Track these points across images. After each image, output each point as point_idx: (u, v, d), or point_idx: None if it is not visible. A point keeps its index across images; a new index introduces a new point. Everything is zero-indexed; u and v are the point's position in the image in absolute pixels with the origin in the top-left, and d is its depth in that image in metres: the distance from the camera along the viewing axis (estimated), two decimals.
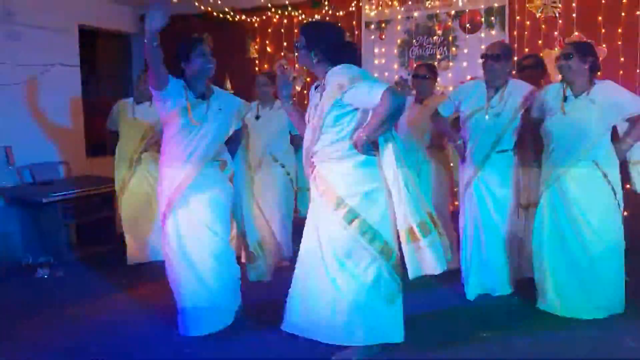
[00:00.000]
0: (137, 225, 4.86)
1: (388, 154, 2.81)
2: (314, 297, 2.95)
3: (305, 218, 3.12)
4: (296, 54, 3.05)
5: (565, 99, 3.44)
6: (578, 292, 3.48)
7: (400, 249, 2.89)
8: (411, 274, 2.86)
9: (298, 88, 6.07)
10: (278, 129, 4.69)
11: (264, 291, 3.80)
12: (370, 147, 2.78)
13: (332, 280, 2.88)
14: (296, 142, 4.66)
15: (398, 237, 2.89)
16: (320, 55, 2.85)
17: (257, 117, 4.76)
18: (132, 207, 4.84)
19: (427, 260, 2.83)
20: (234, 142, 3.55)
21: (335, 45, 2.88)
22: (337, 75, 2.77)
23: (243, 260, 3.78)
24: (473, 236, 3.84)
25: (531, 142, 3.75)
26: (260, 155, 4.67)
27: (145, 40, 2.91)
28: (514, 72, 4.14)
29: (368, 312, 2.87)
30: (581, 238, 3.45)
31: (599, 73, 3.51)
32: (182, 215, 3.25)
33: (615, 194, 3.43)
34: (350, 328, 2.89)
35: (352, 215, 2.82)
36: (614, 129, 3.52)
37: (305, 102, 3.71)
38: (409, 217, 2.81)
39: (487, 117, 3.69)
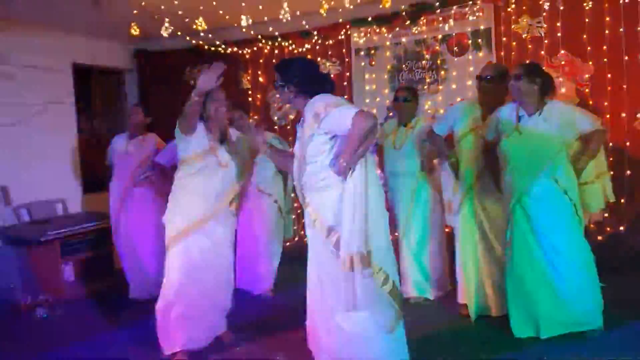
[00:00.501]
0: (135, 261, 4.88)
1: (360, 173, 2.77)
2: (320, 329, 2.92)
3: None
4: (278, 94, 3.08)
5: (519, 118, 3.50)
6: (554, 311, 3.45)
7: (398, 273, 2.91)
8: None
9: (291, 117, 6.13)
10: (259, 160, 4.58)
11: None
12: (349, 173, 2.74)
13: (332, 312, 2.82)
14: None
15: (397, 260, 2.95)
16: (296, 90, 2.91)
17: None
18: (127, 244, 4.86)
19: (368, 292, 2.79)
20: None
21: (309, 77, 2.93)
22: (313, 105, 2.82)
23: None
24: (473, 255, 3.88)
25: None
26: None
27: (193, 94, 3.28)
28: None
29: (369, 345, 2.80)
30: (549, 258, 3.45)
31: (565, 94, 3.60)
32: (194, 243, 3.47)
33: (576, 210, 3.44)
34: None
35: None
36: None
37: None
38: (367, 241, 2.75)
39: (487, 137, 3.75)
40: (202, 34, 5.62)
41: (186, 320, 3.46)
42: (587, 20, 4.87)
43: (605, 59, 4.81)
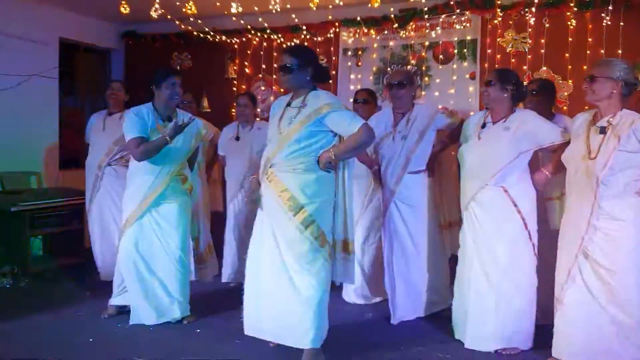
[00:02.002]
0: (103, 241, 4.86)
1: (344, 173, 3.29)
2: (270, 298, 3.22)
3: None
4: (281, 74, 3.26)
5: (483, 125, 3.50)
6: (479, 324, 3.43)
7: None
8: (337, 279, 3.37)
9: None
10: (258, 150, 4.62)
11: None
12: (330, 165, 3.14)
13: (288, 281, 3.16)
14: None
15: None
16: (310, 76, 3.22)
17: (237, 138, 4.84)
18: (97, 223, 4.85)
19: (349, 271, 3.34)
20: (193, 159, 4.08)
21: (320, 66, 3.34)
22: (322, 98, 3.18)
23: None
24: (392, 260, 3.92)
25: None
26: (241, 177, 4.76)
27: (162, 137, 3.61)
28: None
29: (320, 312, 3.16)
30: (485, 269, 3.40)
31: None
32: (147, 220, 3.80)
33: (525, 224, 3.35)
34: (302, 330, 3.14)
35: (309, 221, 3.14)
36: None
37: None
38: (348, 230, 3.32)
39: (393, 141, 3.88)
40: (191, 19, 5.63)
41: (136, 298, 3.80)
42: (570, 39, 4.97)
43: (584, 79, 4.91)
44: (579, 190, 3.08)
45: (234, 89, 6.29)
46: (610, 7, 4.74)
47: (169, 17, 5.37)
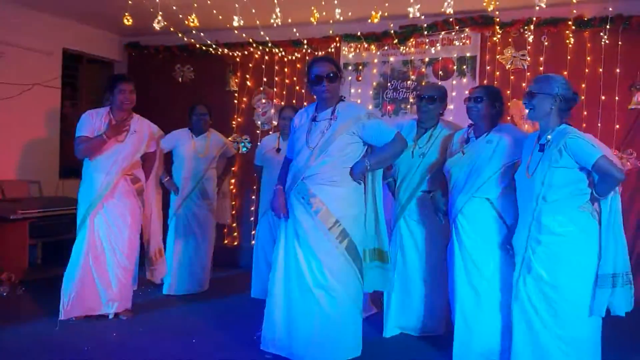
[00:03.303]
0: None
1: (374, 183, 3.39)
2: (298, 313, 3.26)
3: None
4: (326, 82, 3.25)
5: (467, 140, 3.53)
6: (465, 336, 3.41)
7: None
8: (376, 287, 3.47)
9: (275, 123, 6.18)
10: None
11: None
12: (362, 175, 3.24)
13: (318, 298, 3.21)
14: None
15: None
16: (340, 84, 3.34)
17: (278, 150, 4.80)
18: None
19: (386, 279, 3.44)
20: (149, 163, 4.31)
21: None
22: (355, 108, 3.34)
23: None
24: (399, 273, 3.90)
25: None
26: None
27: (100, 135, 3.90)
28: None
29: (349, 328, 3.24)
30: (471, 279, 3.39)
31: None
32: (98, 219, 4.01)
33: (511, 235, 3.29)
34: (330, 345, 3.20)
35: (344, 235, 3.22)
36: None
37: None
38: (382, 240, 3.41)
39: (412, 156, 3.80)
40: (194, 32, 5.69)
41: (78, 292, 3.99)
42: (569, 57, 5.03)
43: (582, 97, 4.94)
44: (523, 206, 3.11)
45: (235, 101, 6.33)
46: (608, 27, 4.79)
47: (171, 29, 5.43)
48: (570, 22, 4.92)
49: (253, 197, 5.94)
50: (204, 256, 5.09)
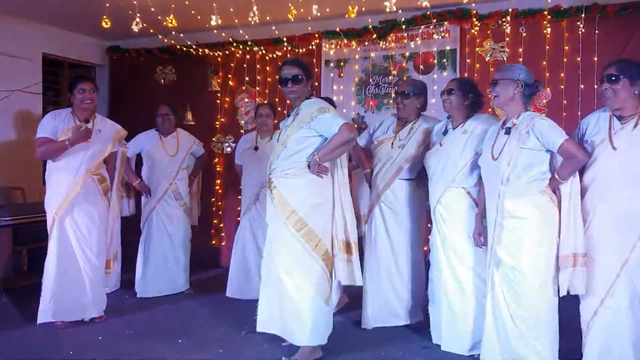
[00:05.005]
0: None
1: (338, 175, 3.45)
2: (271, 298, 3.44)
3: None
4: (290, 84, 3.43)
5: (445, 132, 3.62)
6: (450, 323, 3.51)
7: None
8: (343, 281, 3.45)
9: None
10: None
11: None
12: (319, 168, 3.30)
13: (281, 283, 3.35)
14: None
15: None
16: (310, 86, 3.53)
17: (256, 148, 4.88)
18: None
19: (354, 272, 3.44)
20: (112, 165, 4.34)
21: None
22: (312, 104, 3.38)
23: None
24: (367, 264, 3.96)
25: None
26: (258, 187, 4.80)
27: (63, 141, 3.92)
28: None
29: (312, 312, 3.30)
30: (452, 266, 3.50)
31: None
32: (67, 221, 4.00)
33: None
34: (297, 329, 3.29)
35: (300, 225, 3.30)
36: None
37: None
38: (348, 232, 3.42)
39: (392, 147, 3.92)
40: (173, 33, 5.68)
41: (55, 297, 3.97)
42: (547, 47, 5.05)
43: (562, 86, 4.99)
44: (489, 191, 3.21)
45: (218, 101, 6.33)
46: (584, 16, 4.83)
47: (151, 30, 5.41)
48: (546, 12, 4.95)
49: (239, 197, 5.94)
50: (180, 257, 5.09)
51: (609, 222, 2.93)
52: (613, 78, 2.92)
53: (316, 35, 5.83)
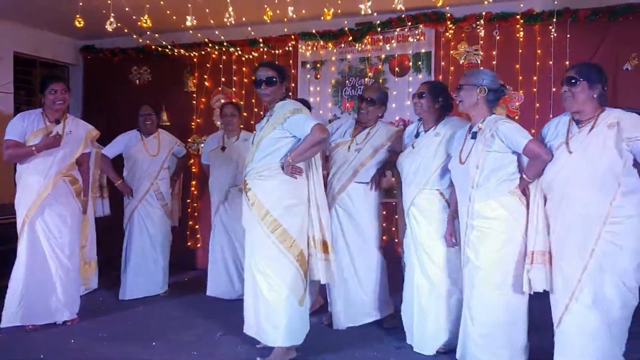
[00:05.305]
0: None
1: (312, 176, 3.47)
2: (247, 298, 3.49)
3: None
4: (264, 86, 3.46)
5: (417, 135, 3.67)
6: (421, 324, 3.53)
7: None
8: (322, 280, 3.48)
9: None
10: (244, 160, 4.70)
11: None
12: (293, 169, 3.33)
13: (255, 283, 3.37)
14: None
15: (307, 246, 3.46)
16: (285, 89, 3.56)
17: (223, 148, 4.89)
18: None
19: (329, 272, 3.48)
20: (85, 166, 4.31)
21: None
22: (285, 105, 3.39)
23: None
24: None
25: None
26: (226, 187, 4.84)
27: (30, 147, 3.90)
28: None
29: (286, 313, 3.31)
30: (423, 269, 3.53)
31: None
32: (38, 223, 3.96)
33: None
34: (271, 329, 3.35)
35: (275, 226, 3.31)
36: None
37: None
38: (324, 231, 3.46)
39: (348, 150, 3.97)
40: (148, 33, 5.62)
41: (24, 301, 3.92)
42: (520, 51, 5.13)
43: (534, 89, 5.08)
44: (459, 194, 3.27)
45: (194, 102, 6.29)
46: (556, 20, 4.91)
47: (125, 30, 5.36)
48: (519, 17, 5.03)
49: None
50: (160, 258, 5.05)
51: (568, 227, 2.93)
52: (572, 81, 2.95)
53: (292, 36, 5.84)
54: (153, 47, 6.19)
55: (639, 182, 2.89)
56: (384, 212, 4.45)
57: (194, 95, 6.31)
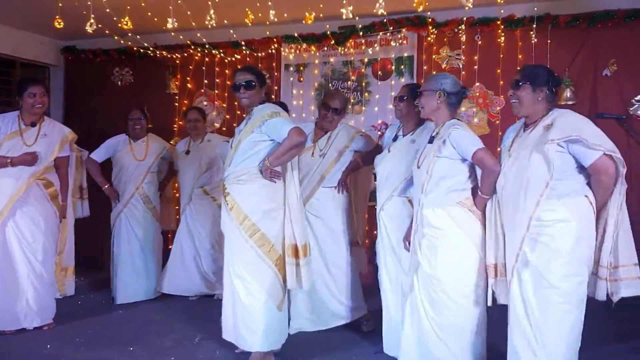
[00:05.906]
0: None
1: (289, 180, 3.46)
2: (226, 303, 3.48)
3: None
4: (243, 90, 3.45)
5: (395, 138, 3.61)
6: (394, 331, 3.45)
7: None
8: (289, 284, 3.44)
9: (217, 125, 6.15)
10: (208, 163, 4.95)
11: None
12: (271, 173, 3.33)
13: (233, 287, 3.37)
14: None
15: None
16: (265, 93, 3.58)
17: (187, 152, 4.98)
18: None
19: (301, 276, 3.44)
20: (63, 170, 4.27)
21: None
22: (263, 109, 3.40)
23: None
24: None
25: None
26: (190, 189, 4.92)
27: (5, 159, 3.86)
28: None
29: (264, 318, 3.32)
30: (391, 277, 3.51)
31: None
32: (10, 227, 3.92)
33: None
34: (248, 334, 3.34)
35: (253, 230, 3.31)
36: None
37: None
38: (296, 236, 3.42)
39: (312, 156, 3.97)
40: (129, 35, 5.58)
41: None
42: (501, 56, 5.16)
43: None
44: (414, 200, 3.22)
45: (176, 104, 6.26)
46: (536, 25, 4.95)
47: (106, 32, 5.31)
48: (499, 22, 5.06)
49: None
50: (150, 262, 5.01)
51: (507, 232, 2.89)
52: (517, 84, 2.89)
53: (275, 39, 5.83)
54: (135, 48, 6.14)
55: (580, 186, 2.77)
56: (366, 216, 4.45)
57: (177, 97, 6.28)
